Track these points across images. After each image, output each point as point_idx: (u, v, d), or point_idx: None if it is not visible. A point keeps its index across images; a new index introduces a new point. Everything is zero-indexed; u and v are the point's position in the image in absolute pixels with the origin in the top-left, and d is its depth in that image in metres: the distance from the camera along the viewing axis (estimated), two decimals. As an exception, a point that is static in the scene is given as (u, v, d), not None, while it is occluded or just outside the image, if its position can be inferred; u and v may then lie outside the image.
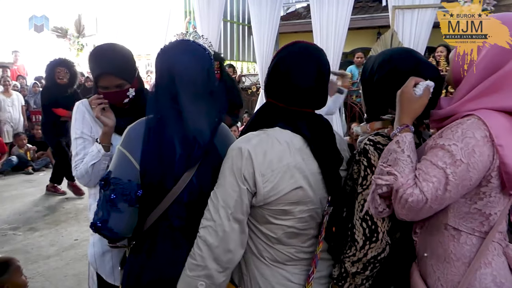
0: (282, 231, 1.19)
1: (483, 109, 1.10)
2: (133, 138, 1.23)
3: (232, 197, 1.13)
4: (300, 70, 1.17)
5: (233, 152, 1.15)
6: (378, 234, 1.14)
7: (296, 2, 11.93)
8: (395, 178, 1.08)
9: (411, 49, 1.35)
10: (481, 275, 1.12)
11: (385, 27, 6.97)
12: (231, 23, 10.86)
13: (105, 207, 1.19)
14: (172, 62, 1.23)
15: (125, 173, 1.20)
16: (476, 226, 1.14)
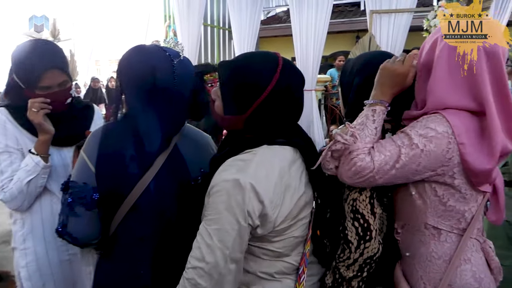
0: (289, 244, 1.12)
1: (449, 109, 1.14)
2: (92, 142, 1.20)
3: (231, 236, 0.99)
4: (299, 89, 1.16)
5: (228, 184, 1.00)
6: (371, 232, 1.14)
7: (276, 6, 11.99)
8: (354, 140, 1.12)
9: (389, 52, 1.39)
10: (462, 272, 1.15)
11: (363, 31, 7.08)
12: (212, 27, 10.83)
13: (64, 211, 1.17)
14: (119, 65, 1.22)
15: (81, 176, 1.18)
16: (454, 223, 1.17)
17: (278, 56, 1.12)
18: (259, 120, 1.09)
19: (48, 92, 1.44)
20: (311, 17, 5.53)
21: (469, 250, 1.18)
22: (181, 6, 6.53)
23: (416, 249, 1.21)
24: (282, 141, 1.11)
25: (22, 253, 1.55)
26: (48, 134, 1.44)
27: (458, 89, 1.15)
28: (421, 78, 1.22)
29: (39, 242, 1.53)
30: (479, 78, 1.11)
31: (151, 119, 1.18)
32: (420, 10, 5.72)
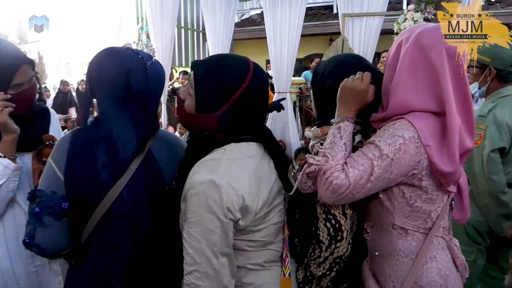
0: (270, 231, 1.17)
1: (414, 112, 1.17)
2: (60, 149, 1.16)
3: (216, 234, 1.03)
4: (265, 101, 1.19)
5: (203, 186, 1.03)
6: (342, 232, 1.16)
7: (251, 9, 12.02)
8: (326, 160, 1.14)
9: (359, 55, 1.42)
10: (428, 269, 1.18)
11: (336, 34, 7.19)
12: (185, 29, 10.75)
13: (31, 221, 1.12)
14: (89, 68, 1.18)
15: (49, 184, 1.14)
16: (421, 223, 1.21)
17: (248, 59, 1.18)
18: (231, 118, 1.12)
19: (19, 90, 1.38)
20: (285, 19, 5.57)
21: (435, 248, 1.21)
22: (154, 8, 6.45)
23: (384, 248, 1.24)
24: (248, 138, 1.15)
25: None
26: (14, 133, 1.37)
27: (421, 90, 1.17)
28: (387, 80, 1.25)
29: (3, 255, 1.44)
30: (442, 79, 1.14)
31: (124, 123, 1.15)
32: (391, 14, 5.86)
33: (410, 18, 4.92)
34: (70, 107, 8.23)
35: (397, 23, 5.09)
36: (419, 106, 1.17)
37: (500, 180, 2.07)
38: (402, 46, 1.20)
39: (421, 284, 1.18)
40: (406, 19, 4.97)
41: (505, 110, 2.09)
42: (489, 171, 2.06)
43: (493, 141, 2.06)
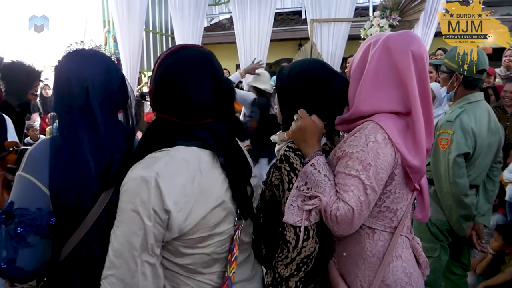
0: (201, 260, 1.05)
1: (378, 114, 1.20)
2: (37, 161, 1.08)
3: (138, 236, 0.94)
4: (194, 82, 1.04)
5: (134, 182, 0.95)
6: (308, 231, 1.16)
7: (220, 13, 11.99)
8: (319, 199, 1.15)
9: (321, 60, 1.45)
10: (394, 268, 1.22)
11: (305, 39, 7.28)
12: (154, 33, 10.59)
13: (9, 244, 1.02)
14: (83, 71, 1.11)
15: (32, 201, 1.05)
16: (387, 222, 1.24)
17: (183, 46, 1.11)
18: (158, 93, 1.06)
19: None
20: (254, 24, 5.61)
21: (400, 247, 1.25)
22: (120, 11, 6.32)
23: (352, 248, 1.26)
24: (199, 143, 1.04)
25: None
26: None
27: (386, 91, 1.21)
28: (353, 83, 1.28)
29: None
30: (408, 80, 1.17)
31: (117, 128, 1.15)
32: (358, 20, 6.00)
33: (376, 24, 5.06)
34: (34, 113, 7.91)
35: (363, 29, 5.23)
36: (384, 107, 1.21)
37: (464, 183, 2.16)
38: (370, 49, 1.24)
39: (388, 282, 1.21)
40: (372, 25, 5.11)
41: (471, 116, 2.17)
42: (454, 175, 2.14)
43: (459, 146, 2.14)
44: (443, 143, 2.18)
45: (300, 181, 1.18)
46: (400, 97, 1.20)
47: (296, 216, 1.15)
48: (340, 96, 1.31)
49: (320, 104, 1.30)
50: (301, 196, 1.17)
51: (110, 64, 1.18)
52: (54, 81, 1.14)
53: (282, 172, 1.23)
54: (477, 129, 2.17)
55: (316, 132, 1.23)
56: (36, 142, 1.14)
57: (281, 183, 1.23)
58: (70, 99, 1.10)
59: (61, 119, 1.13)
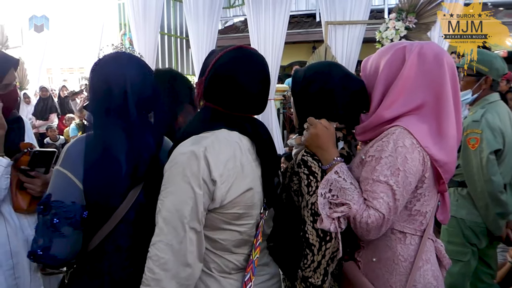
0: (234, 238, 1.13)
1: (403, 118, 1.21)
2: (73, 157, 1.14)
3: (188, 205, 1.03)
4: (248, 75, 1.14)
5: (184, 156, 1.06)
6: (331, 233, 1.16)
7: (234, 16, 12.06)
8: (349, 207, 1.15)
9: (337, 62, 1.43)
10: (424, 272, 1.22)
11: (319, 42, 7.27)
12: (169, 36, 10.71)
13: (46, 233, 1.10)
14: (122, 74, 1.17)
15: (68, 194, 1.12)
16: (417, 226, 1.24)
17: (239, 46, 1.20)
18: (212, 85, 1.15)
19: (7, 91, 1.42)
20: (268, 27, 5.62)
21: (428, 251, 1.25)
22: (136, 15, 6.42)
23: (383, 254, 1.25)
24: (240, 129, 1.15)
25: None
26: (2, 129, 1.37)
27: (414, 98, 1.21)
28: (378, 88, 1.27)
29: None
30: (443, 90, 1.19)
31: (148, 129, 1.20)
32: (373, 22, 5.97)
33: (392, 26, 5.01)
34: (50, 113, 8.06)
35: (379, 32, 5.19)
36: (403, 108, 1.21)
37: (498, 180, 2.16)
38: (406, 53, 1.24)
39: (418, 287, 1.21)
40: (388, 28, 5.07)
41: (495, 115, 2.21)
42: (488, 172, 2.15)
43: (489, 143, 2.16)
44: (472, 142, 2.19)
45: (324, 188, 1.18)
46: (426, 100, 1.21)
47: (328, 222, 1.15)
48: (357, 99, 1.30)
49: (336, 107, 1.29)
50: (327, 203, 1.17)
51: (144, 67, 1.23)
52: (91, 83, 1.20)
53: (300, 176, 1.23)
54: (503, 127, 2.20)
55: (330, 137, 1.23)
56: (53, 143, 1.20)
57: (300, 187, 1.23)
58: (108, 101, 1.16)
59: (96, 118, 1.18)
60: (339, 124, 1.28)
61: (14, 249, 1.43)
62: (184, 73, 11.41)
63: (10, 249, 1.42)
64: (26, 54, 8.90)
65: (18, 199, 1.42)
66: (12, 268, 1.44)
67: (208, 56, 1.21)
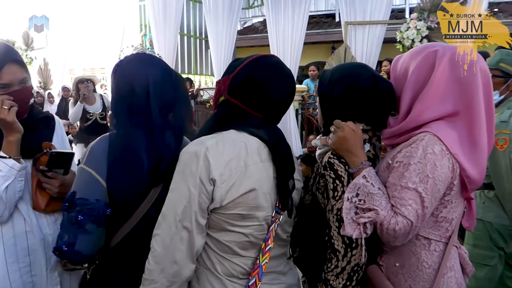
0: (239, 239, 1.12)
1: (432, 124, 1.18)
2: (97, 156, 1.17)
3: (182, 203, 1.06)
4: (277, 82, 1.16)
5: (186, 155, 1.09)
6: (357, 239, 1.14)
7: (253, 16, 12.08)
8: (376, 212, 1.13)
9: (366, 64, 1.40)
10: (448, 279, 1.20)
11: (339, 42, 7.22)
12: (188, 36, 10.81)
13: (71, 229, 1.12)
14: (145, 74, 1.19)
15: (92, 192, 1.14)
16: (443, 232, 1.22)
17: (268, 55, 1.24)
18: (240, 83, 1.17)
19: (8, 91, 1.35)
20: (287, 27, 5.61)
21: (452, 258, 1.23)
22: (157, 16, 6.51)
23: (406, 259, 1.23)
24: (249, 131, 1.14)
25: None
26: (19, 133, 1.35)
27: (445, 103, 1.19)
28: (408, 92, 1.24)
29: (1, 264, 1.42)
30: (474, 96, 1.17)
31: (169, 128, 1.22)
32: (393, 22, 5.88)
33: (413, 26, 4.93)
34: (71, 112, 8.22)
35: (400, 32, 5.11)
36: (435, 113, 1.19)
37: None
38: (437, 58, 1.21)
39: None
40: (409, 28, 4.99)
41: None
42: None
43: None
44: (501, 143, 2.13)
45: (351, 192, 1.16)
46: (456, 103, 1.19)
47: (351, 228, 1.13)
48: (385, 100, 1.28)
49: (364, 109, 1.26)
50: (354, 208, 1.15)
51: (166, 68, 1.25)
52: (114, 83, 1.22)
53: (326, 179, 1.21)
54: None
55: (357, 139, 1.21)
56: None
57: (326, 190, 1.21)
58: (131, 101, 1.18)
59: (119, 118, 1.20)
60: (366, 125, 1.26)
61: (31, 247, 1.45)
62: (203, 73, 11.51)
63: (27, 246, 1.44)
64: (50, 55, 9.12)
65: (38, 199, 1.43)
66: (29, 265, 1.45)
67: (235, 61, 1.24)
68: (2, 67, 1.33)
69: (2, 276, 1.41)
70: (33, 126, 1.48)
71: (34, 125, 1.50)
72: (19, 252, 1.43)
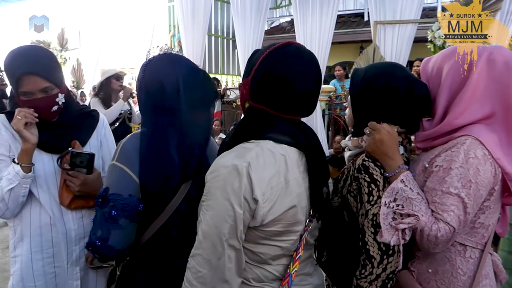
0: (273, 252, 1.09)
1: (471, 127, 1.15)
2: (129, 152, 1.19)
3: (227, 222, 0.99)
4: (298, 75, 1.07)
5: (226, 170, 1.00)
6: (394, 246, 1.12)
7: (280, 16, 12.07)
8: (417, 218, 1.10)
9: (400, 64, 1.36)
10: (483, 287, 1.17)
11: (367, 42, 7.11)
12: (216, 37, 10.91)
13: (104, 225, 1.15)
14: (175, 73, 1.20)
15: (125, 188, 1.16)
16: (479, 239, 1.19)
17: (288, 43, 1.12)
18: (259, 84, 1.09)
19: (30, 98, 1.41)
20: (315, 27, 5.56)
21: (487, 265, 1.20)
22: (185, 16, 6.60)
23: (440, 266, 1.20)
24: (288, 141, 1.08)
25: (12, 260, 1.53)
26: (28, 142, 1.40)
27: (482, 104, 1.16)
28: (444, 94, 1.22)
29: (26, 252, 1.50)
30: None
31: (197, 126, 1.25)
32: (425, 21, 5.74)
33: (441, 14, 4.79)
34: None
35: (431, 31, 4.99)
36: (473, 116, 1.16)
37: None
38: (473, 61, 1.18)
39: None
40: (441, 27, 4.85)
41: None
42: None
43: None
44: None
45: (389, 197, 1.13)
46: (493, 105, 1.16)
47: (389, 234, 1.11)
48: (421, 102, 1.24)
49: (398, 110, 1.23)
50: (391, 213, 1.13)
51: (194, 66, 1.27)
52: (143, 82, 1.23)
53: (360, 183, 1.18)
54: None
55: (394, 142, 1.18)
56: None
57: (359, 194, 1.19)
58: (162, 99, 1.19)
59: (149, 116, 1.22)
60: (400, 128, 1.23)
61: (55, 239, 1.51)
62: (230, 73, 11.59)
63: (51, 238, 1.51)
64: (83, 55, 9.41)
65: (63, 195, 1.50)
66: (52, 257, 1.52)
67: (252, 55, 1.17)
68: (21, 77, 1.39)
69: (25, 263, 1.49)
70: (68, 124, 1.55)
71: (70, 124, 1.56)
72: (43, 243, 1.50)
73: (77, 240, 1.55)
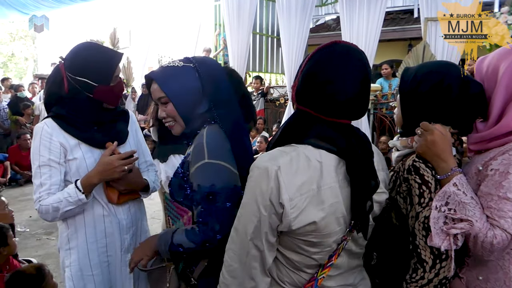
0: (308, 262, 1.07)
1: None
2: (219, 148, 1.25)
3: (252, 222, 1.02)
4: (343, 77, 1.01)
5: (258, 171, 1.01)
6: (447, 251, 1.08)
7: (326, 14, 11.90)
8: (470, 224, 1.06)
9: (454, 63, 1.30)
10: None
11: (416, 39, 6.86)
12: (260, 35, 10.95)
13: (220, 218, 1.20)
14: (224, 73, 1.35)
15: (228, 180, 1.23)
16: None
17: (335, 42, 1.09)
18: (304, 87, 1.06)
19: (118, 81, 1.58)
20: (362, 25, 5.45)
21: None
22: (231, 16, 6.69)
23: (492, 273, 1.15)
24: (328, 147, 1.03)
25: (66, 253, 1.60)
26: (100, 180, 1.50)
27: None
28: (501, 94, 1.16)
29: (82, 243, 1.58)
30: None
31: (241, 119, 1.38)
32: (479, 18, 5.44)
33: (503, 21, 4.53)
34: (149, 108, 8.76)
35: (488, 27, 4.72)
36: None
37: None
38: None
39: None
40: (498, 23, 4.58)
41: None
42: None
43: None
44: None
45: (440, 200, 1.09)
46: None
47: (439, 239, 1.07)
48: (475, 103, 1.19)
49: (451, 110, 1.18)
50: (442, 217, 1.09)
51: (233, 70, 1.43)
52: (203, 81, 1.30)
53: (411, 184, 1.15)
54: None
55: (447, 144, 1.13)
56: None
57: (409, 195, 1.15)
58: (229, 96, 1.33)
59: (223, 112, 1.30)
60: (452, 129, 1.18)
61: (108, 230, 1.61)
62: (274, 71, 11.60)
63: (104, 229, 1.60)
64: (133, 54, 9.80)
65: (109, 194, 1.58)
66: (105, 246, 1.61)
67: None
68: (118, 62, 1.58)
69: (83, 254, 1.58)
70: (113, 119, 1.66)
71: (114, 118, 1.67)
72: (97, 234, 1.60)
73: (128, 229, 1.65)
